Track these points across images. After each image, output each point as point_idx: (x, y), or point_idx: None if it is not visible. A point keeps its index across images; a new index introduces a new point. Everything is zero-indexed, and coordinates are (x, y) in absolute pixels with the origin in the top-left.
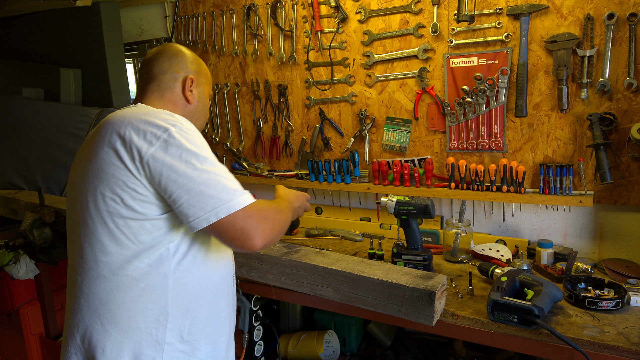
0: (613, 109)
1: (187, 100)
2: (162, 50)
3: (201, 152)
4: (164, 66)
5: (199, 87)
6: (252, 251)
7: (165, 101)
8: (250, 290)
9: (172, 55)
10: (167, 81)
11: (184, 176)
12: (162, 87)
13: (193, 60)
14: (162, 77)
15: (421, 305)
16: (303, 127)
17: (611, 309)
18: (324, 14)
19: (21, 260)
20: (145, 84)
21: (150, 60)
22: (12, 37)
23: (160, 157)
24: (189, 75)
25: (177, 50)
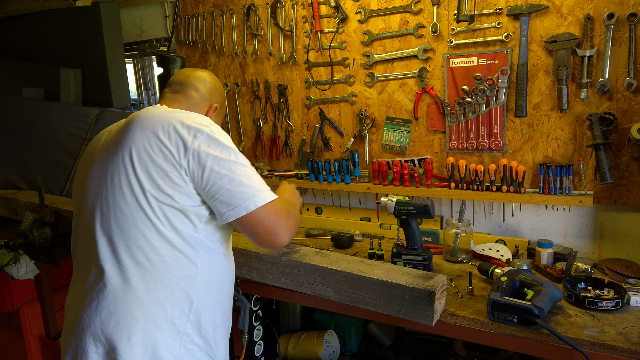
0: (613, 109)
1: None
2: (201, 75)
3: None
4: (199, 86)
5: (218, 115)
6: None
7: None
8: (250, 290)
9: (208, 82)
10: (197, 99)
11: (226, 168)
12: (191, 103)
13: (222, 92)
14: (193, 93)
15: (421, 305)
16: (303, 127)
17: (611, 309)
18: (324, 14)
19: (21, 260)
20: (176, 92)
21: (194, 78)
22: (12, 37)
23: (205, 149)
24: (215, 104)
25: (213, 80)
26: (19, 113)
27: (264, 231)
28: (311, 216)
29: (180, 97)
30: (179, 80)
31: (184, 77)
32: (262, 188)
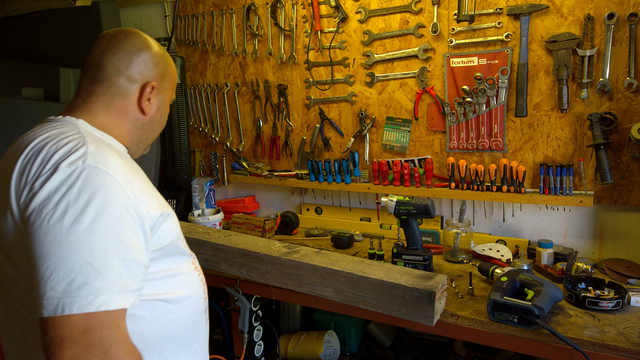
0: (613, 108)
1: (142, 111)
2: (121, 42)
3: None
4: (121, 65)
5: (160, 94)
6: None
7: (112, 109)
8: (250, 290)
9: (133, 52)
10: (121, 85)
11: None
12: (113, 92)
13: (159, 60)
14: (115, 78)
15: (421, 305)
16: (303, 127)
17: (611, 309)
18: (324, 13)
19: None
20: (92, 81)
21: (103, 53)
22: (12, 37)
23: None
24: (150, 82)
25: (140, 46)
26: (19, 113)
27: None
28: (311, 216)
29: (99, 87)
30: (96, 61)
31: (101, 55)
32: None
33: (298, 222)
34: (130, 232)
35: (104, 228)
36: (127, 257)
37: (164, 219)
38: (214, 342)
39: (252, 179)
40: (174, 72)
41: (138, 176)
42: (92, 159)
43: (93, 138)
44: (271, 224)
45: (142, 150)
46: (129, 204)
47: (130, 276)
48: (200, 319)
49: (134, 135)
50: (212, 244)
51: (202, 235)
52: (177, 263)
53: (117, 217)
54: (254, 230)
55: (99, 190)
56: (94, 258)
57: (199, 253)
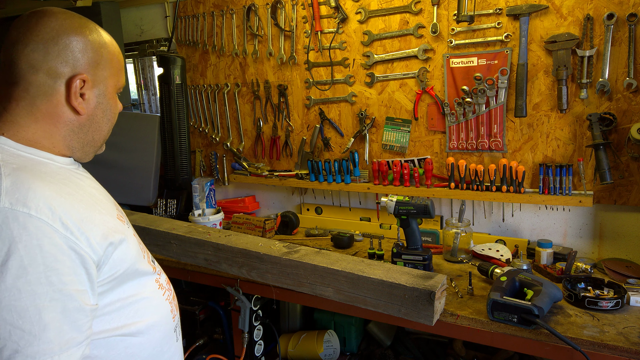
0: (613, 109)
1: (76, 111)
2: (33, 28)
3: (13, 257)
4: (36, 58)
5: (97, 86)
6: None
7: (38, 115)
8: (250, 290)
9: (48, 39)
10: (41, 84)
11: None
12: (33, 94)
13: (86, 44)
14: (32, 77)
15: (421, 305)
16: (303, 127)
17: (611, 309)
18: (324, 14)
19: None
20: (8, 83)
21: (13, 45)
22: None
23: None
24: (77, 74)
25: (57, 29)
26: None
27: None
28: (311, 216)
29: (16, 91)
30: (6, 57)
31: (8, 47)
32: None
33: (298, 222)
34: (68, 277)
35: (33, 282)
36: (67, 307)
37: (114, 248)
38: (214, 341)
39: (252, 179)
40: (114, 54)
41: (78, 202)
42: (7, 200)
43: (11, 166)
44: (271, 224)
45: (93, 153)
46: (63, 244)
47: (73, 328)
48: (168, 342)
49: (72, 140)
50: (213, 244)
51: (203, 235)
52: (135, 288)
53: (48, 264)
54: (254, 230)
55: (19, 239)
56: (24, 320)
57: (199, 253)
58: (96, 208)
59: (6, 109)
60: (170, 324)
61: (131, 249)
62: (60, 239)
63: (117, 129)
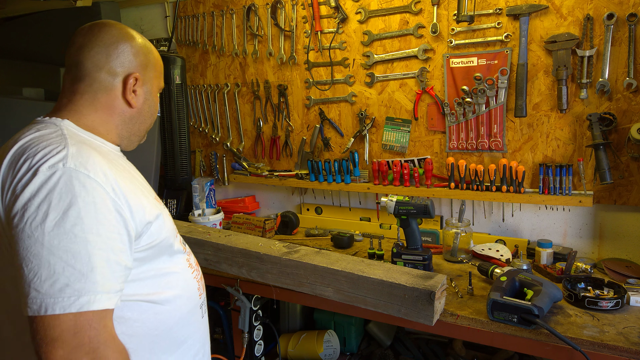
0: (612, 109)
1: (129, 104)
2: (96, 35)
3: (73, 208)
4: (100, 60)
5: (145, 84)
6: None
7: (98, 106)
8: (250, 290)
9: (109, 44)
10: (103, 80)
11: (33, 238)
12: (95, 89)
13: (138, 49)
14: (96, 74)
15: (421, 305)
16: (303, 127)
17: (611, 309)
18: (324, 14)
19: None
20: (75, 80)
21: (81, 50)
22: (13, 37)
23: (18, 211)
24: (132, 73)
25: (116, 37)
26: (19, 113)
27: (36, 343)
28: (311, 216)
29: (81, 85)
30: (74, 59)
31: (78, 52)
32: (76, 284)
33: (298, 222)
34: (114, 234)
35: (87, 231)
36: (110, 258)
37: (153, 219)
38: (214, 341)
39: (252, 179)
40: (158, 59)
41: (124, 178)
42: (72, 162)
43: (76, 139)
44: (271, 224)
45: (137, 142)
46: (112, 206)
47: (113, 277)
48: (193, 316)
49: (123, 130)
50: (213, 244)
51: (203, 235)
52: (168, 262)
53: (99, 219)
54: (254, 230)
55: (79, 194)
56: (76, 260)
57: (199, 253)
58: (138, 187)
59: (71, 100)
60: (196, 299)
61: (166, 225)
62: (109, 201)
63: None
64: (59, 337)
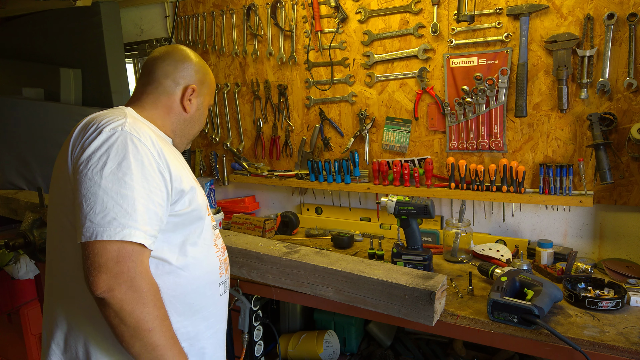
0: (613, 109)
1: (184, 109)
2: (170, 53)
3: (125, 161)
4: (168, 70)
5: (199, 97)
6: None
7: (159, 105)
8: (250, 290)
9: (178, 60)
10: (168, 86)
11: (93, 181)
12: (160, 91)
13: (199, 69)
14: (163, 80)
15: (421, 305)
16: (303, 127)
17: (611, 309)
18: (324, 14)
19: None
20: (145, 84)
21: (155, 60)
22: (12, 37)
23: (83, 160)
24: (191, 85)
25: (184, 56)
26: (19, 113)
27: (86, 268)
28: (311, 216)
29: (150, 87)
30: (149, 68)
31: (153, 63)
32: (121, 218)
33: (298, 222)
34: (155, 189)
35: (134, 180)
36: (149, 207)
37: (188, 189)
38: None
39: (252, 179)
40: (212, 81)
41: (169, 151)
42: (128, 127)
43: (134, 117)
44: (271, 224)
45: (184, 145)
46: (156, 167)
47: (150, 223)
48: (210, 290)
49: (176, 127)
50: None
51: None
52: (195, 234)
53: (144, 174)
54: (254, 230)
55: (131, 151)
56: (123, 201)
57: None
58: (180, 162)
59: (138, 98)
60: (216, 276)
61: (199, 199)
62: (154, 162)
63: None
64: (104, 264)
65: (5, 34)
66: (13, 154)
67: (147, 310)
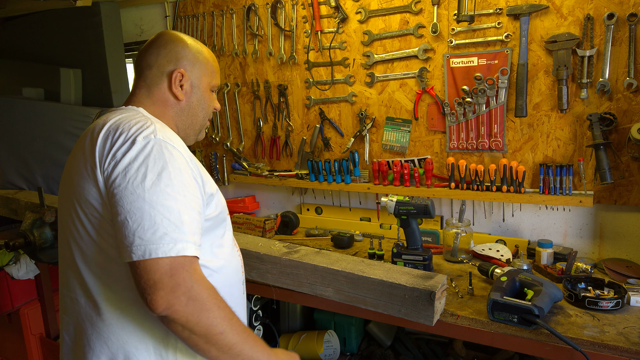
0: (613, 109)
1: (176, 97)
2: (153, 41)
3: (165, 171)
4: (151, 59)
5: (192, 80)
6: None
7: (154, 99)
8: (250, 290)
9: (160, 46)
10: (153, 76)
11: (135, 194)
12: (149, 83)
13: (187, 49)
14: (147, 72)
15: (421, 305)
16: (303, 127)
17: (611, 309)
18: (324, 14)
19: (21, 260)
20: (135, 79)
21: (140, 53)
22: (12, 37)
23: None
24: (177, 69)
25: (167, 40)
26: (18, 113)
27: (139, 285)
28: (311, 216)
29: (138, 82)
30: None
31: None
32: (171, 232)
33: (298, 222)
34: (194, 197)
35: (176, 191)
36: (192, 216)
37: (215, 192)
38: None
39: (252, 179)
40: (208, 59)
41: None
42: (160, 135)
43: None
44: (271, 224)
45: (194, 137)
46: (190, 174)
47: (196, 233)
48: (237, 288)
49: (178, 121)
50: None
51: None
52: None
53: (184, 183)
54: (254, 230)
55: (169, 160)
56: (170, 214)
57: None
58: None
59: (134, 94)
60: (239, 274)
61: (222, 201)
62: (189, 169)
63: None
64: (160, 280)
65: (5, 34)
66: (13, 154)
67: (213, 315)
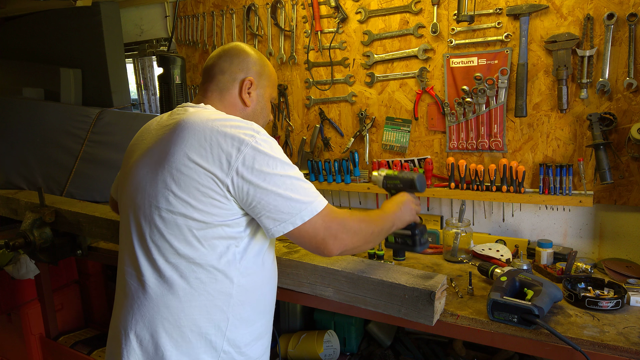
0: (613, 109)
1: (244, 103)
2: (226, 50)
3: (283, 158)
4: (224, 66)
5: (258, 89)
6: (328, 256)
7: (225, 103)
8: None
9: (233, 55)
10: (226, 82)
11: (272, 183)
12: (221, 87)
13: (256, 61)
14: (220, 77)
15: (421, 305)
16: (303, 127)
17: (611, 309)
18: (324, 14)
19: (21, 260)
20: (205, 82)
21: (211, 60)
22: (12, 37)
23: (249, 164)
24: (248, 77)
25: (240, 51)
26: (19, 113)
27: (310, 243)
28: None
29: (210, 85)
30: (207, 66)
31: (210, 61)
32: (310, 199)
33: None
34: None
35: (294, 173)
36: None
37: None
38: None
39: None
40: (272, 73)
41: None
42: (259, 129)
43: None
44: None
45: None
46: None
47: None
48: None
49: None
50: None
51: None
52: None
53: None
54: None
55: (277, 151)
56: (298, 189)
57: None
58: None
59: (205, 96)
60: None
61: None
62: None
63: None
64: (318, 234)
65: (5, 34)
66: (13, 154)
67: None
